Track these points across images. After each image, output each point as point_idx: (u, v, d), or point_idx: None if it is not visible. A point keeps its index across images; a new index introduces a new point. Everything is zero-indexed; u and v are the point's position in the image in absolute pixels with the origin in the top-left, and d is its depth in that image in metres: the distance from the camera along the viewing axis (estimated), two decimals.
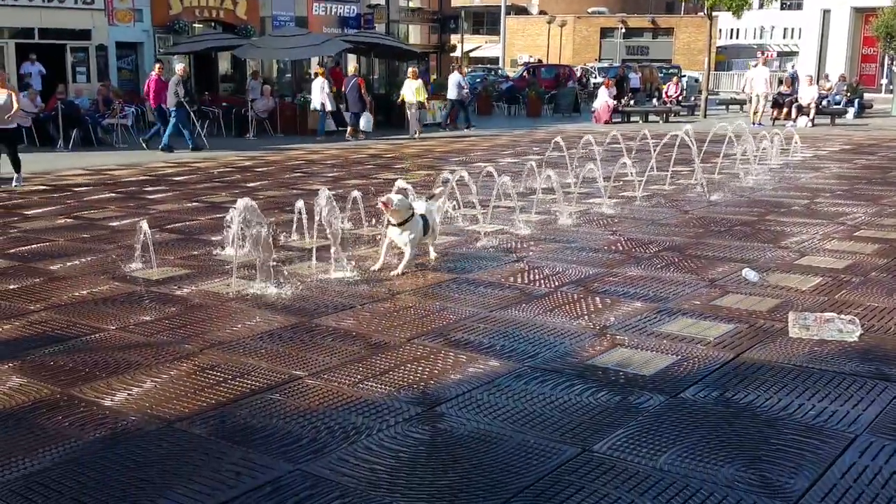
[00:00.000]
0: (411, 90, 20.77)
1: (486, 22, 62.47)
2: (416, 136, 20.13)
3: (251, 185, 12.22)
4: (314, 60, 25.41)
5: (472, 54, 55.75)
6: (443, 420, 3.90)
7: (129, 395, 4.20)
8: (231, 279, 6.37)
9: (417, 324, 5.36)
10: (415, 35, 35.57)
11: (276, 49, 22.33)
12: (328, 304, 5.82)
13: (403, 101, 21.07)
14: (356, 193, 7.90)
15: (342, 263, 6.64)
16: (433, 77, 31.80)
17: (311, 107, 20.32)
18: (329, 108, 19.93)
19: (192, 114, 17.20)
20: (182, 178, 13.02)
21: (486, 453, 3.55)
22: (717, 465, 3.43)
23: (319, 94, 19.75)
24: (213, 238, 7.91)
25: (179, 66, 17.07)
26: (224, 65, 26.49)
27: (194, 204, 10.37)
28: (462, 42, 46.28)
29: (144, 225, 6.86)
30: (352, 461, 3.49)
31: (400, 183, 7.75)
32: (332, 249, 6.63)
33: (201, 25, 24.93)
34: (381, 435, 3.73)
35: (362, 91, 20.10)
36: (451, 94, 22.86)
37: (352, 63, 26.79)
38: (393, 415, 3.95)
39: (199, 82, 23.41)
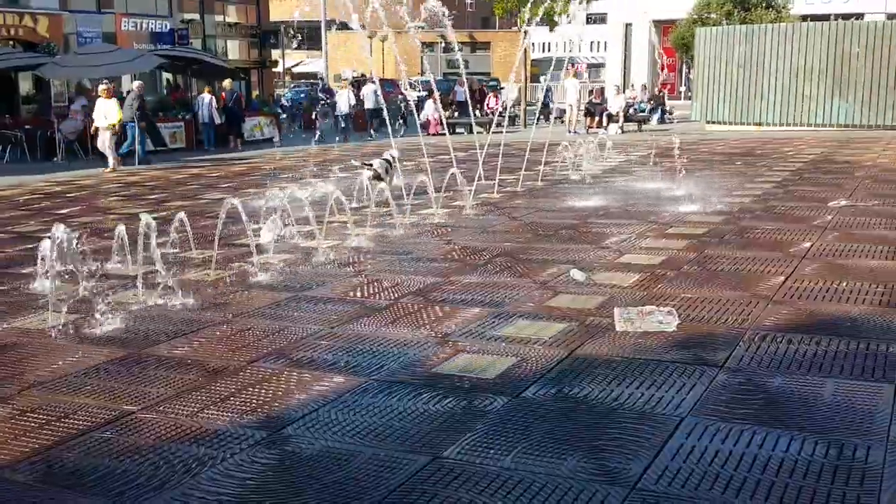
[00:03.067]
0: (103, 112, 17.07)
1: (307, 37, 61.97)
2: (112, 169, 16.87)
3: (63, 211, 11.48)
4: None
5: (294, 69, 55.14)
6: (290, 442, 3.82)
7: None
8: (47, 313, 5.95)
9: (257, 346, 5.23)
10: (234, 50, 34.76)
11: (84, 67, 21.16)
12: (159, 333, 5.55)
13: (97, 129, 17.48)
14: (182, 215, 7.61)
15: (172, 289, 6.36)
16: (255, 93, 31.19)
17: (201, 121, 20.79)
18: (217, 121, 20.64)
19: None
20: None
21: (337, 471, 3.51)
22: (561, 459, 3.57)
23: (207, 109, 20.29)
24: (24, 271, 7.36)
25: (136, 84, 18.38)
26: (25, 85, 24.79)
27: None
28: (283, 57, 45.70)
29: None
30: (196, 494, 3.35)
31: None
32: (160, 274, 6.34)
33: None
34: (226, 464, 3.60)
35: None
36: (369, 103, 23.53)
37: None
38: (237, 442, 3.82)
39: None
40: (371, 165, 11.37)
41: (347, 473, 3.49)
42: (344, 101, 24.35)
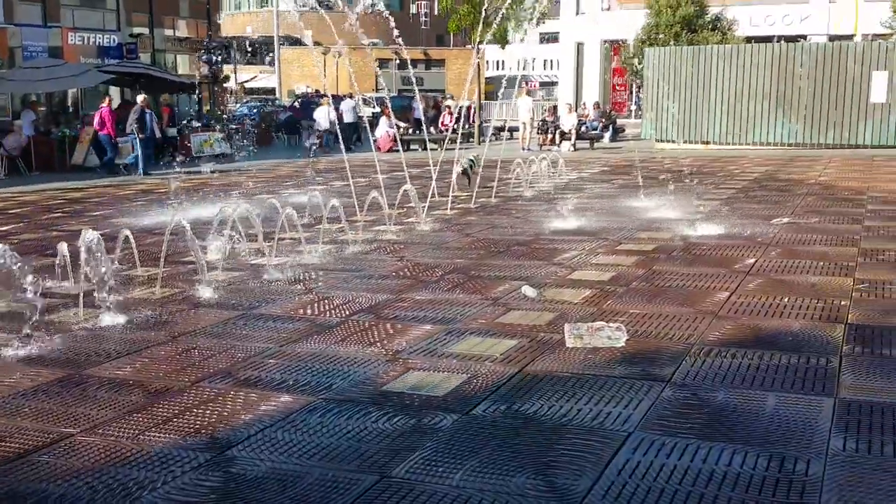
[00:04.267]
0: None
1: (260, 52, 61.60)
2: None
3: (3, 228, 11.20)
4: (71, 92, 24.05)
5: (247, 85, 54.71)
6: (235, 464, 3.75)
7: None
8: None
9: (202, 365, 5.14)
10: (184, 65, 34.40)
11: (29, 82, 20.76)
12: (101, 353, 5.42)
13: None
14: (127, 233, 7.47)
15: (114, 307, 6.23)
16: (206, 108, 30.86)
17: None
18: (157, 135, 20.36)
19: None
20: None
21: (284, 493, 3.46)
22: (509, 476, 3.57)
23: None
24: None
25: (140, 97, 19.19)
26: None
27: None
28: (235, 72, 45.36)
29: None
30: None
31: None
32: (102, 293, 6.20)
33: None
34: (168, 487, 3.52)
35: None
36: (348, 118, 23.91)
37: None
38: (180, 464, 3.74)
39: None
40: (461, 163, 13.14)
41: (295, 495, 3.44)
42: (323, 116, 24.24)
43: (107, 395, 4.65)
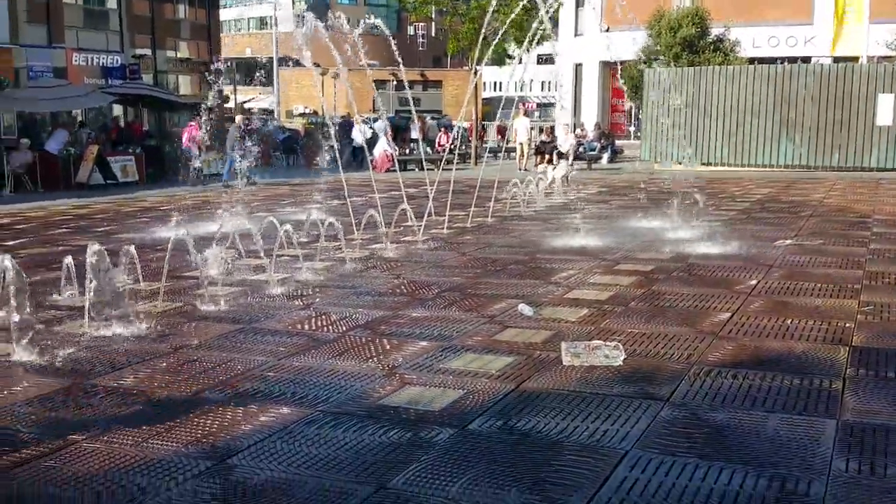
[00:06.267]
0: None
1: (260, 73, 61.92)
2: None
3: (10, 243, 11.25)
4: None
5: (246, 105, 54.95)
6: (235, 472, 3.78)
7: None
8: None
9: (203, 377, 5.18)
10: (185, 86, 34.60)
11: (35, 101, 20.92)
12: (105, 363, 5.47)
13: None
14: (131, 248, 7.52)
15: (118, 320, 6.28)
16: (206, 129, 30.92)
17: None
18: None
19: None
20: None
21: (283, 501, 3.49)
22: (505, 490, 3.59)
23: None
24: None
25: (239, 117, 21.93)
26: None
27: None
28: (235, 93, 45.58)
29: None
30: None
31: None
32: (107, 306, 6.25)
33: None
34: (170, 494, 3.56)
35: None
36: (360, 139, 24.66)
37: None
38: (181, 472, 3.78)
39: None
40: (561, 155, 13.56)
41: (294, 503, 3.47)
42: (358, 133, 25.29)
43: (111, 403, 4.69)
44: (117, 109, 27.30)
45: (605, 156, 28.16)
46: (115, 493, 3.58)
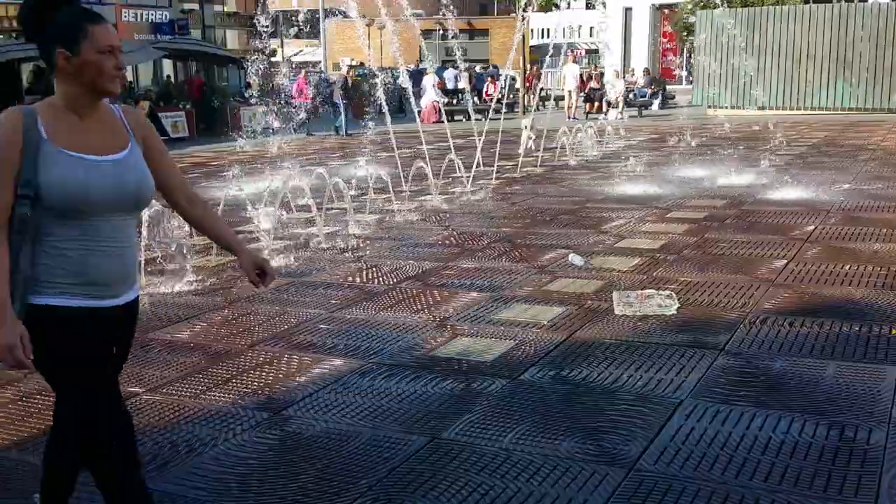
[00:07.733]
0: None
1: (306, 26, 61.72)
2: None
3: None
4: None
5: (293, 59, 54.92)
6: (291, 423, 3.85)
7: None
8: None
9: (257, 330, 5.26)
10: (232, 40, 34.69)
11: None
12: (161, 318, 5.58)
13: None
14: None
15: (174, 275, 6.39)
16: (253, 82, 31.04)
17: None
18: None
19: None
20: None
21: (337, 452, 3.54)
22: (559, 440, 3.59)
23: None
24: None
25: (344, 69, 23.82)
26: (28, 76, 24.79)
27: None
28: (282, 47, 45.52)
29: None
30: (199, 474, 3.38)
31: None
32: (167, 261, 6.37)
33: (2, 36, 23.23)
34: (228, 444, 3.64)
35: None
36: (450, 86, 26.64)
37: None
38: (239, 423, 3.86)
39: (2, 95, 21.83)
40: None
41: (348, 453, 3.52)
42: (430, 84, 25.72)
43: (168, 356, 4.80)
44: (167, 66, 27.49)
45: (656, 102, 27.56)
46: (176, 444, 3.67)
